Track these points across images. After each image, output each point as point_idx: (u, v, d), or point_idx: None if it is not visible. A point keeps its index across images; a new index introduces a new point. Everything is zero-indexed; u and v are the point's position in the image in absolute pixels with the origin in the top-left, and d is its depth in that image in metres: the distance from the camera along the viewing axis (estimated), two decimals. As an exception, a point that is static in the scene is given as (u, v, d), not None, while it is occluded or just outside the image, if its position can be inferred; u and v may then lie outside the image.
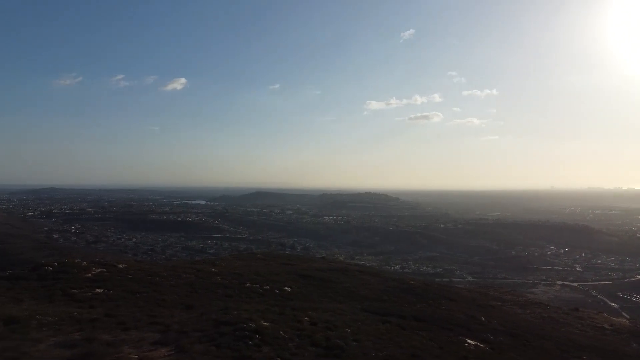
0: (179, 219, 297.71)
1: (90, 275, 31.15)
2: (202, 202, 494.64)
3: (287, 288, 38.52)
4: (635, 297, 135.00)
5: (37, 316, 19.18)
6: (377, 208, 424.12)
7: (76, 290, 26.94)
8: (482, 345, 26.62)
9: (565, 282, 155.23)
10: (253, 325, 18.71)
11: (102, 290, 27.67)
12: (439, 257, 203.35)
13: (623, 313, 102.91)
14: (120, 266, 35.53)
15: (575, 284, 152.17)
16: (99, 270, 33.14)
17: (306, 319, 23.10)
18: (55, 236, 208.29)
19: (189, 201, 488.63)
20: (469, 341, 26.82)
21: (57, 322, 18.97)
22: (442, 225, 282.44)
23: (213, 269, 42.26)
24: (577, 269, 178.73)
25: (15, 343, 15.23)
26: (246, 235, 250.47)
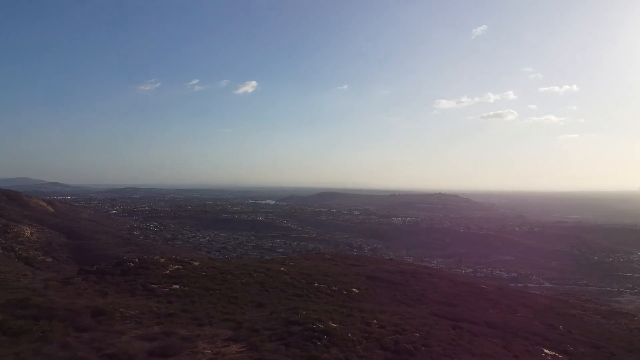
0: (250, 218, 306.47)
1: (167, 271, 32.75)
2: (272, 202, 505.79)
3: (354, 289, 38.48)
4: None
5: (121, 309, 20.43)
6: (447, 209, 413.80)
7: (155, 286, 28.44)
8: (560, 356, 25.19)
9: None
10: (321, 326, 18.84)
11: (178, 287, 29.01)
12: (513, 261, 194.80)
13: None
14: (195, 264, 37.04)
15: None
16: (176, 267, 34.76)
17: (374, 321, 22.95)
18: (136, 233, 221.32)
19: (259, 201, 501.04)
20: (546, 351, 25.47)
21: (138, 316, 20.11)
22: (517, 228, 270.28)
23: (282, 269, 43.01)
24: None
25: (102, 334, 16.31)
26: (314, 235, 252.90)
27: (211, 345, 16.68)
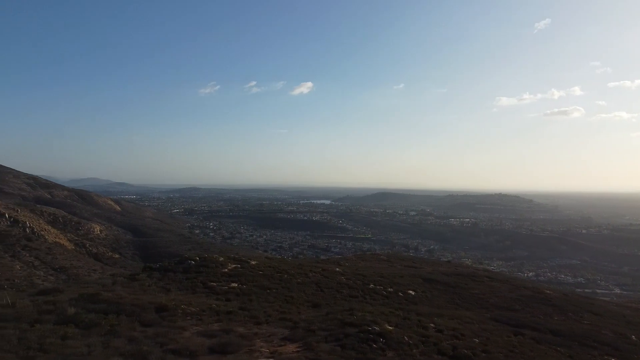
0: (305, 218, 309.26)
1: (226, 270, 33.65)
2: (327, 201, 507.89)
3: (411, 292, 37.96)
4: None
5: (183, 306, 21.17)
6: (507, 210, 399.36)
7: (215, 284, 29.29)
8: (633, 368, 23.73)
9: None
10: (377, 328, 18.71)
11: (236, 285, 29.73)
12: (579, 265, 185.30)
13: None
14: (253, 262, 37.83)
15: None
16: (234, 265, 35.66)
17: (431, 325, 22.53)
18: (197, 231, 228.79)
19: (314, 201, 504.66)
20: (616, 362, 24.08)
21: (198, 313, 20.76)
22: (583, 231, 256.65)
23: (338, 269, 43.11)
24: None
25: (165, 329, 16.96)
26: (369, 236, 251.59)
27: (268, 344, 16.95)
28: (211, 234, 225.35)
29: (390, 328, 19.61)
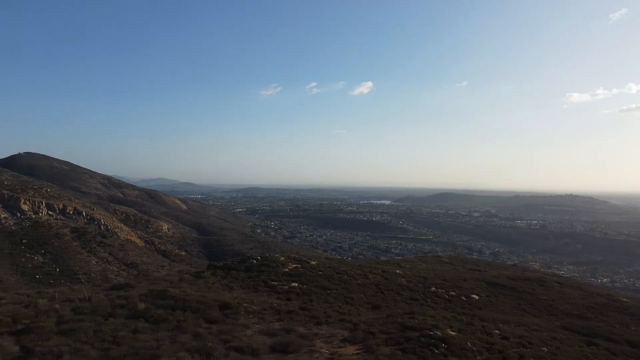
0: (365, 218, 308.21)
1: (287, 269, 34.12)
2: (387, 202, 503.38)
3: (474, 296, 36.85)
4: None
5: (245, 304, 21.67)
6: (579, 212, 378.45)
7: (276, 283, 29.77)
8: None
9: None
10: (439, 333, 18.28)
11: (297, 285, 30.07)
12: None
13: None
14: (313, 263, 38.12)
15: None
16: (295, 265, 36.08)
17: (496, 331, 21.75)
18: (258, 230, 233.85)
19: (374, 201, 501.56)
20: None
21: (260, 311, 21.17)
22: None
23: (398, 271, 42.59)
24: None
25: (229, 327, 17.42)
26: (431, 237, 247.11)
27: (328, 345, 16.99)
28: (272, 233, 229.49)
29: (453, 333, 19.11)
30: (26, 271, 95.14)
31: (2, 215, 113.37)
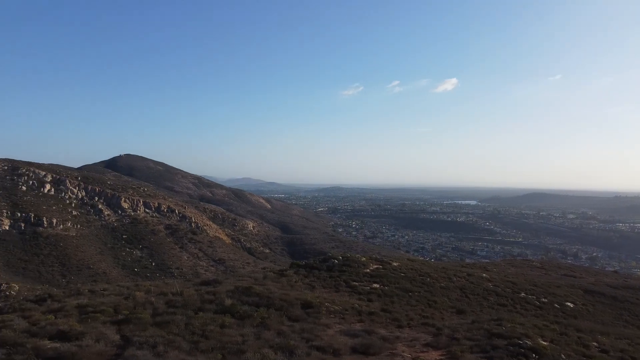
0: (449, 219, 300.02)
1: (368, 270, 33.99)
2: (472, 202, 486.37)
3: (569, 304, 34.50)
4: None
5: (327, 304, 21.86)
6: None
7: (357, 283, 29.77)
8: None
9: None
10: (529, 342, 17.28)
11: (378, 286, 29.86)
12: None
13: None
14: (394, 264, 37.66)
15: None
16: (376, 266, 35.86)
17: (594, 344, 20.18)
18: (340, 230, 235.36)
19: (459, 201, 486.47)
20: None
21: (341, 311, 21.26)
22: None
23: (484, 275, 40.93)
24: None
25: (311, 326, 17.66)
26: (520, 239, 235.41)
27: (410, 349, 16.68)
28: (354, 233, 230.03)
29: (545, 343, 17.99)
30: (126, 264, 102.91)
31: (106, 213, 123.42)
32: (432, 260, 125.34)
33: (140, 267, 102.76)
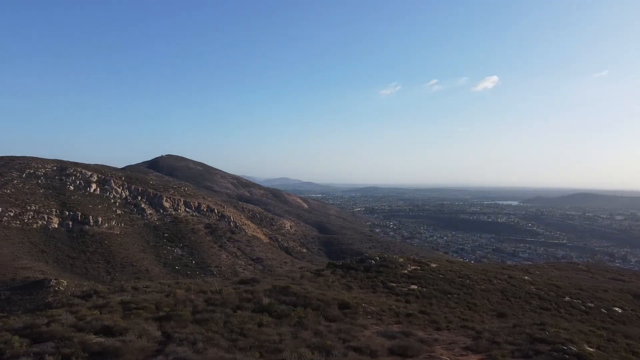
0: (490, 219, 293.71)
1: (406, 271, 33.63)
2: (514, 203, 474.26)
3: (617, 309, 33.11)
4: None
5: (364, 304, 21.76)
6: None
7: (394, 284, 29.49)
8: None
9: None
10: (574, 348, 16.69)
11: (416, 287, 29.49)
12: None
13: None
14: (433, 265, 37.13)
15: None
16: (414, 267, 35.44)
17: (645, 351, 19.29)
18: (377, 230, 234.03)
19: (500, 202, 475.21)
20: None
21: (379, 312, 21.11)
22: None
23: (526, 277, 39.81)
24: None
25: (347, 326, 17.61)
26: (565, 241, 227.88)
27: (449, 352, 16.39)
28: (391, 233, 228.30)
29: (591, 350, 17.33)
30: (167, 262, 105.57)
31: (148, 212, 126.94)
32: (472, 261, 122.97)
33: (180, 265, 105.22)
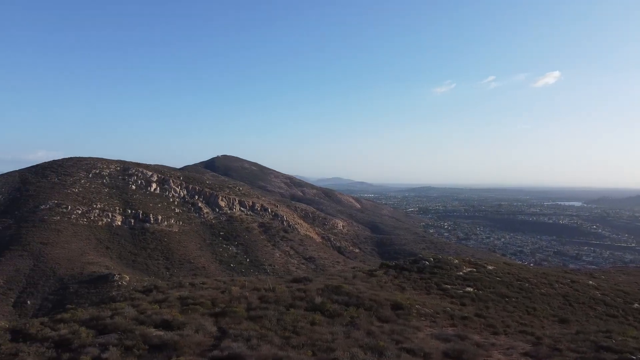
0: (550, 221, 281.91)
1: (461, 273, 32.83)
2: (577, 204, 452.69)
3: (693, 318, 30.89)
4: None
5: (417, 306, 21.43)
6: None
7: (449, 286, 28.85)
8: None
9: None
10: (645, 358, 15.70)
11: (472, 290, 28.71)
12: None
13: None
14: (489, 267, 36.05)
15: None
16: (470, 269, 34.54)
17: None
18: (431, 231, 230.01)
19: (561, 202, 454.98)
20: None
21: (433, 315, 20.72)
22: None
23: (590, 282, 37.92)
24: None
25: (400, 327, 17.39)
26: (633, 245, 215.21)
27: (506, 358, 15.85)
28: (445, 234, 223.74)
29: (663, 361, 16.24)
30: (223, 260, 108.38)
31: (205, 210, 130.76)
32: (531, 264, 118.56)
33: (235, 263, 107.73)
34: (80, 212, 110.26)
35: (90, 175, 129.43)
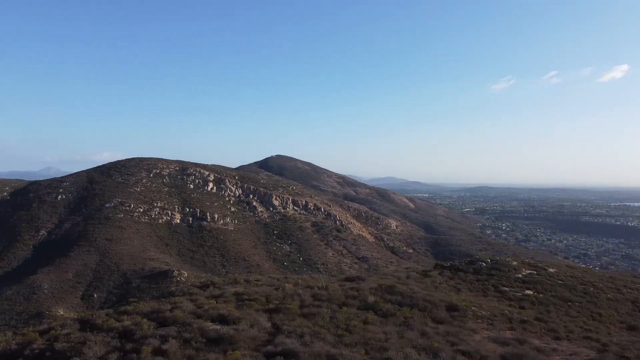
0: (618, 222, 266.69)
1: (520, 275, 31.69)
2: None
3: None
4: None
5: (473, 308, 20.88)
6: None
7: (507, 289, 27.93)
8: None
9: None
10: None
11: (531, 293, 27.66)
12: None
13: None
14: (551, 270, 34.59)
15: None
16: (529, 271, 33.29)
17: None
18: (488, 232, 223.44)
19: (631, 203, 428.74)
20: None
21: (490, 317, 20.13)
22: None
23: (663, 287, 35.53)
24: None
25: (456, 329, 17.00)
26: None
27: (569, 364, 15.16)
28: (503, 235, 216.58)
29: None
30: (277, 258, 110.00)
31: (259, 209, 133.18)
32: (597, 268, 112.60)
33: (289, 261, 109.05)
34: (141, 210, 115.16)
35: (151, 175, 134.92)
